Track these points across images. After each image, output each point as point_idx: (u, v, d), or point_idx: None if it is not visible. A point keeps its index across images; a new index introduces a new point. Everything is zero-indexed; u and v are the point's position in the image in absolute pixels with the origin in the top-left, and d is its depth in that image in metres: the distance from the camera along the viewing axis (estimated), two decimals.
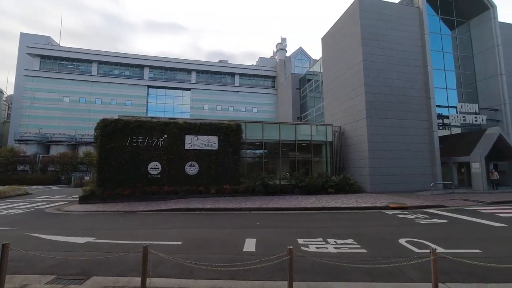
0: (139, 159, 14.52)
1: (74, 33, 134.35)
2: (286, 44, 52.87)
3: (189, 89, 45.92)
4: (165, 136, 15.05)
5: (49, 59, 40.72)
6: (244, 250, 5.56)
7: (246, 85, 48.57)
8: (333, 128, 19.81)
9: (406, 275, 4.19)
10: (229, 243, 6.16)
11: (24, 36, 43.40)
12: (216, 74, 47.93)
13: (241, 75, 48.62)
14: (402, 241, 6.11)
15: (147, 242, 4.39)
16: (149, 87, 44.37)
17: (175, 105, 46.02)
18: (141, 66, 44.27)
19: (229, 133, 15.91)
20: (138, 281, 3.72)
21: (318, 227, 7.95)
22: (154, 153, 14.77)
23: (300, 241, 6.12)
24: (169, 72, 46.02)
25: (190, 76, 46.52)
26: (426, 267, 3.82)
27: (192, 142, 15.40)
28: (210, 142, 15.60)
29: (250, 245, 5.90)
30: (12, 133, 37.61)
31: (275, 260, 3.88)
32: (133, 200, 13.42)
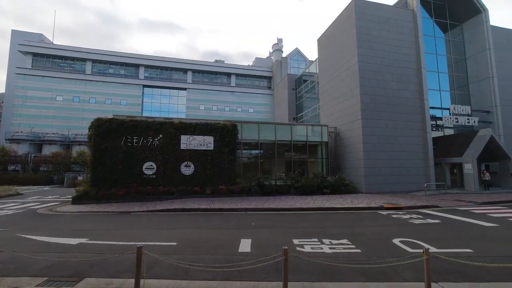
0: (134, 159, 14.39)
1: (68, 31, 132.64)
2: (283, 44, 53.06)
3: (185, 89, 45.68)
4: (161, 136, 14.94)
5: (42, 57, 40.07)
6: (240, 251, 5.55)
7: (242, 85, 48.53)
8: (328, 129, 19.94)
9: (400, 275, 4.23)
10: (225, 243, 6.14)
11: (16, 33, 42.64)
12: (212, 74, 47.78)
13: (237, 75, 48.56)
14: (396, 241, 6.17)
15: (142, 243, 4.35)
16: (145, 86, 43.98)
17: (170, 105, 45.73)
18: (136, 65, 43.86)
19: (225, 133, 15.87)
20: (132, 282, 3.68)
21: (313, 227, 7.99)
22: (149, 153, 14.65)
23: (296, 241, 6.13)
24: (165, 72, 45.69)
25: (186, 75, 46.27)
26: (419, 266, 3.87)
27: (188, 142, 15.32)
28: (205, 142, 15.54)
29: (245, 245, 5.89)
30: (3, 132, 36.90)
31: (270, 260, 3.88)
32: (127, 201, 13.27)
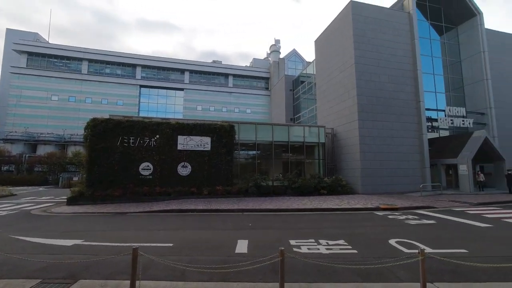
0: (131, 159, 14.29)
1: (64, 30, 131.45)
2: (280, 45, 53.22)
3: (182, 89, 45.55)
4: (157, 136, 14.86)
5: (37, 56, 39.67)
6: (236, 252, 5.53)
7: (240, 86, 48.55)
8: (325, 130, 20.02)
9: (396, 275, 4.25)
10: (221, 244, 6.11)
11: (11, 32, 42.24)
12: (210, 75, 47.73)
13: (234, 76, 48.57)
14: (392, 241, 6.21)
15: (137, 244, 4.30)
16: (141, 86, 43.78)
17: (167, 105, 45.56)
18: (133, 65, 43.64)
19: (222, 134, 15.85)
20: (127, 284, 3.64)
21: (310, 228, 8.00)
22: (145, 153, 14.56)
23: (292, 242, 6.14)
24: (162, 72, 45.53)
25: (183, 76, 46.15)
26: (415, 267, 3.89)
27: (185, 142, 15.26)
28: (203, 143, 15.49)
29: (242, 246, 5.88)
30: None
31: (267, 261, 3.87)
32: (123, 202, 13.16)
